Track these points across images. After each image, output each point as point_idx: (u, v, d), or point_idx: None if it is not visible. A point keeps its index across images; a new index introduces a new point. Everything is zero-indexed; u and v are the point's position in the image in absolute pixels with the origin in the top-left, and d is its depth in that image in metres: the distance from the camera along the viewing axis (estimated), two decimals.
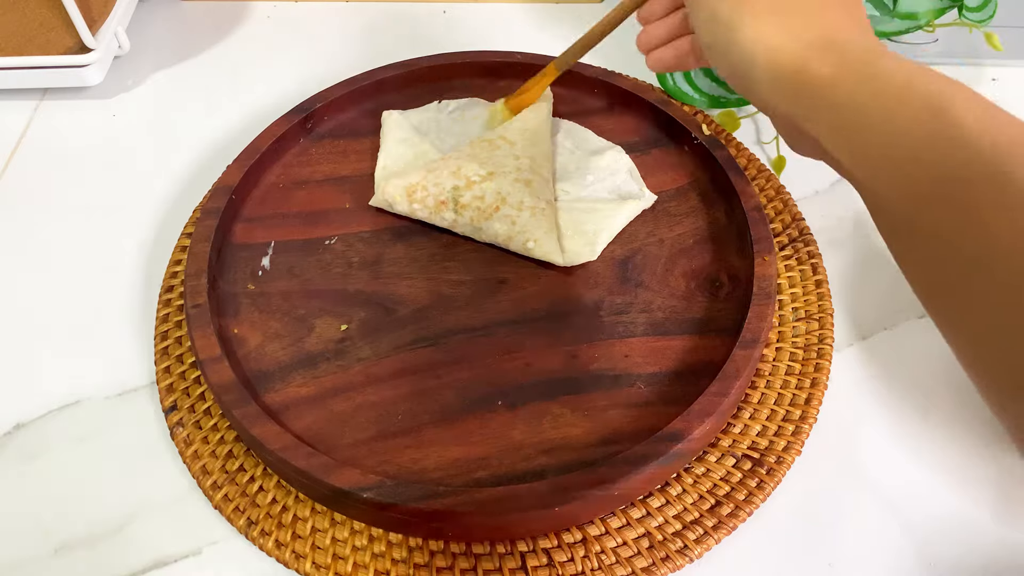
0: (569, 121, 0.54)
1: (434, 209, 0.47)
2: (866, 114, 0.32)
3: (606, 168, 0.50)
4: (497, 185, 0.46)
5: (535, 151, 0.49)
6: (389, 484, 0.37)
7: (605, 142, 0.52)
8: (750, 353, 0.41)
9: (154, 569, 0.38)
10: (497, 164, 0.47)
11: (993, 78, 0.60)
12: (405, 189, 0.47)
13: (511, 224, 0.46)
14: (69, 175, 0.56)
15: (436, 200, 0.47)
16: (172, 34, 0.66)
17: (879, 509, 0.40)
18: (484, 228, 0.46)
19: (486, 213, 0.46)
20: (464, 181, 0.47)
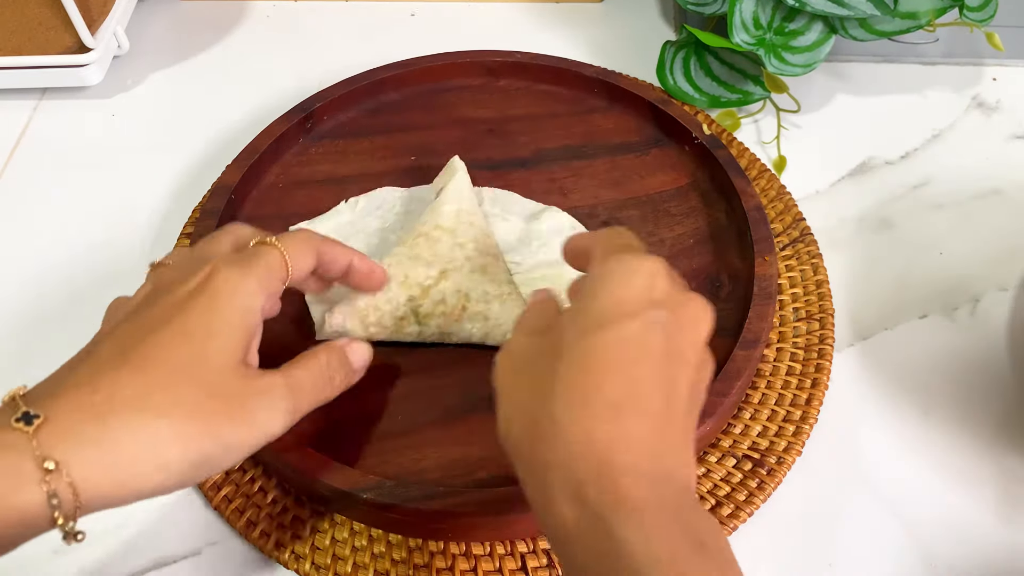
0: (487, 188, 0.49)
1: (395, 328, 0.42)
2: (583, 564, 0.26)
3: (549, 231, 0.47)
4: (454, 283, 0.42)
5: (475, 231, 0.44)
6: (389, 484, 0.37)
7: (536, 204, 0.49)
8: (751, 353, 0.41)
9: (154, 569, 0.38)
10: (444, 259, 0.43)
11: (993, 78, 0.60)
12: (355, 315, 0.41)
13: (484, 320, 0.42)
14: (68, 175, 0.56)
15: (394, 317, 0.42)
16: (171, 34, 0.66)
17: (879, 509, 0.40)
18: (455, 331, 0.42)
19: (453, 316, 0.42)
20: (418, 289, 0.42)
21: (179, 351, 0.29)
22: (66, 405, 0.26)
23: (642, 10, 0.67)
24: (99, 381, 0.27)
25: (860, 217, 0.52)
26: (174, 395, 0.28)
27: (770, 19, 0.54)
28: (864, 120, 0.58)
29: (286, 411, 0.31)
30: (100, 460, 0.26)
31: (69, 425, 0.26)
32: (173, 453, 0.27)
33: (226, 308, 0.30)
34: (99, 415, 0.26)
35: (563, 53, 0.57)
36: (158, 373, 0.28)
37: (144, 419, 0.27)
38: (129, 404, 0.27)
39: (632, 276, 0.29)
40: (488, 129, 0.54)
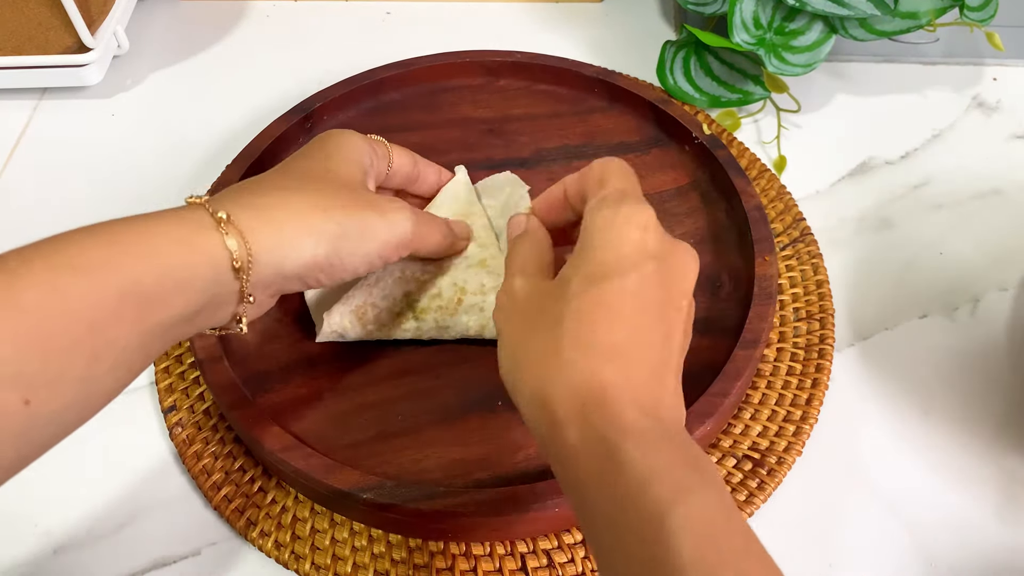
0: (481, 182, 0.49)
1: (392, 325, 0.42)
2: (594, 504, 0.28)
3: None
4: (451, 277, 0.42)
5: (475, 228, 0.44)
6: (389, 485, 0.37)
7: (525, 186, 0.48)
8: (751, 353, 0.41)
9: (154, 569, 0.38)
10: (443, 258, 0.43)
11: (994, 77, 0.60)
12: (353, 314, 0.42)
13: (480, 312, 0.42)
14: (68, 175, 0.56)
15: (391, 314, 0.42)
16: (171, 33, 0.66)
17: (880, 509, 0.40)
18: (451, 325, 0.42)
19: (449, 309, 0.42)
20: (415, 284, 0.42)
21: (314, 163, 0.37)
22: (227, 194, 0.34)
23: (642, 10, 0.67)
24: (251, 183, 0.35)
25: (860, 217, 0.52)
26: (315, 185, 0.35)
27: (770, 19, 0.54)
28: (864, 120, 0.58)
29: (412, 220, 0.37)
30: (259, 218, 0.32)
31: (231, 199, 0.33)
32: (316, 219, 0.34)
33: (349, 146, 0.38)
34: (254, 193, 0.34)
35: (563, 53, 0.57)
36: (299, 175, 0.36)
37: (291, 195, 0.34)
38: (279, 187, 0.35)
39: (628, 229, 0.31)
40: (488, 129, 0.54)
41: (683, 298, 0.32)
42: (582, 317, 0.30)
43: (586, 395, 0.29)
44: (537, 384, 0.30)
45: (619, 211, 0.32)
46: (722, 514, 0.26)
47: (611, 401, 0.28)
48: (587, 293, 0.30)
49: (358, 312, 0.42)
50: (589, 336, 0.30)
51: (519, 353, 0.32)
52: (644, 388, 0.29)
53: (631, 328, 0.30)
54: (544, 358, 0.30)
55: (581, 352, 0.29)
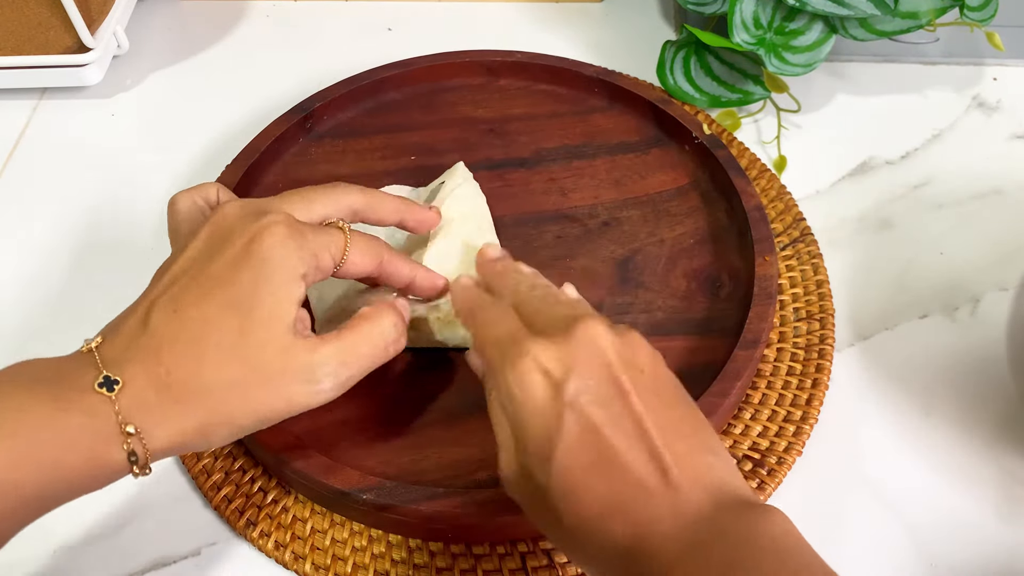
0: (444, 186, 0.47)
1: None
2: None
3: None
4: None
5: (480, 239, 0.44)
6: (389, 485, 0.37)
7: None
8: (751, 353, 0.41)
9: (153, 570, 0.38)
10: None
11: (994, 77, 0.60)
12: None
13: None
14: (68, 175, 0.56)
15: None
16: (171, 33, 0.66)
17: (880, 509, 0.40)
18: (449, 337, 0.42)
19: (447, 320, 0.41)
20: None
21: (227, 324, 0.31)
22: (138, 372, 0.30)
23: (642, 10, 0.67)
24: (162, 354, 0.30)
25: (860, 217, 0.52)
26: (221, 373, 0.31)
27: (770, 19, 0.54)
28: (864, 120, 0.58)
29: (330, 390, 0.33)
30: (165, 429, 0.30)
31: (141, 398, 0.30)
32: (218, 428, 0.31)
33: (273, 276, 0.32)
34: (163, 388, 0.30)
35: (563, 53, 0.57)
36: (208, 349, 0.31)
37: (197, 400, 0.30)
38: (186, 381, 0.30)
39: (526, 392, 0.30)
40: (488, 129, 0.54)
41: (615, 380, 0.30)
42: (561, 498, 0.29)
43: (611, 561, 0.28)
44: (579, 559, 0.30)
45: (504, 376, 0.31)
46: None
47: (627, 556, 0.27)
48: (549, 479, 0.29)
49: None
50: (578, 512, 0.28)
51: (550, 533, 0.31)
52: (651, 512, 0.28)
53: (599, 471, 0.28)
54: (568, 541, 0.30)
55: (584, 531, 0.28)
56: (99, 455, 0.29)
